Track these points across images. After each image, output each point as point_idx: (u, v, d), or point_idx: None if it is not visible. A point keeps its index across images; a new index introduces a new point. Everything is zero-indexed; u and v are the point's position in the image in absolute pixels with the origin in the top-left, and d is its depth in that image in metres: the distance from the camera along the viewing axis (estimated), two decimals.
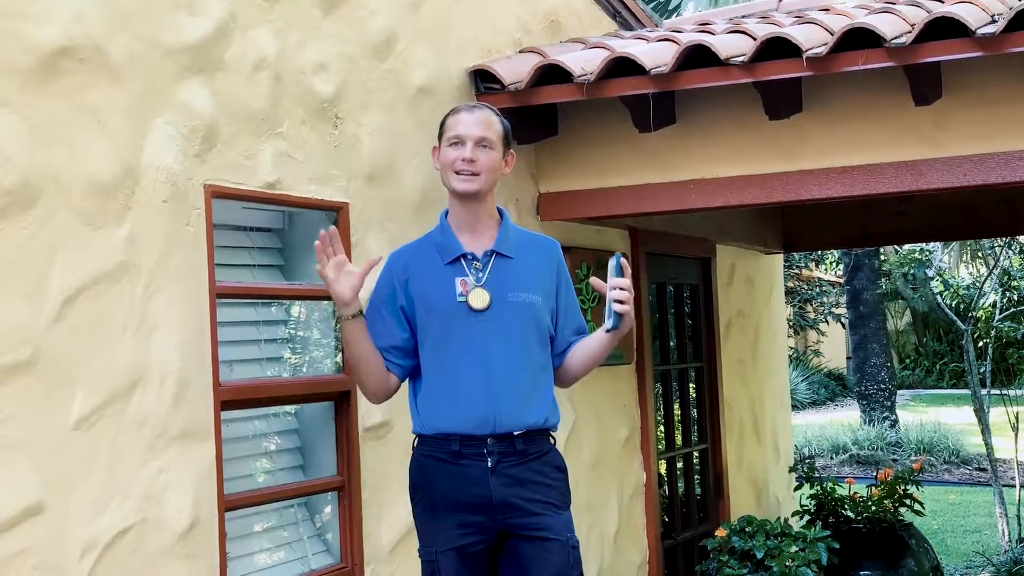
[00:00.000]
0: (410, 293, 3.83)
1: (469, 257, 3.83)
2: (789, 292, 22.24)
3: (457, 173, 3.81)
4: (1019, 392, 11.46)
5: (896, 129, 5.28)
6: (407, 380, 3.92)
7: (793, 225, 9.10)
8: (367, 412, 4.75)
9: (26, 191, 3.45)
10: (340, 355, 4.71)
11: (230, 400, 4.18)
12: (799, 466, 8.07)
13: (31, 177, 3.47)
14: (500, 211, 3.94)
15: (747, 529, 6.33)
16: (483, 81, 5.53)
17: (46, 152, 3.53)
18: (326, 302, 4.75)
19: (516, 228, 3.98)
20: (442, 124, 3.91)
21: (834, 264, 24.39)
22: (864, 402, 18.74)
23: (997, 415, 11.06)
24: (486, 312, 3.76)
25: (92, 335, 3.64)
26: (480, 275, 3.80)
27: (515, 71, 5.46)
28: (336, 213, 4.69)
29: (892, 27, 4.85)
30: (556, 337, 3.93)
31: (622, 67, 5.24)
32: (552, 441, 3.89)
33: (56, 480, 3.50)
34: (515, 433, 3.74)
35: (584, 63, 5.32)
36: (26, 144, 3.47)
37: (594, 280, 3.78)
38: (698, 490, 7.90)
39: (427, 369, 3.82)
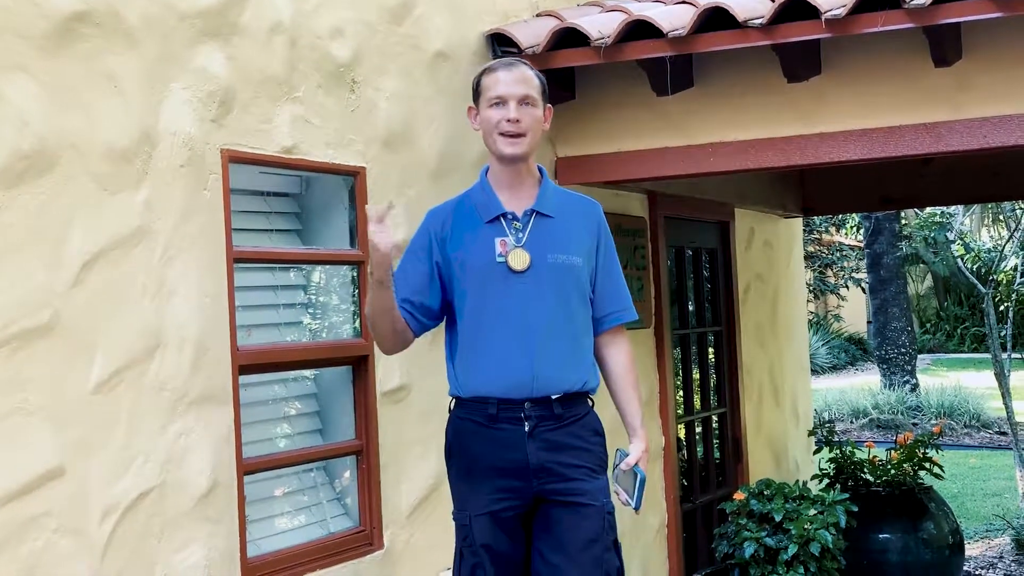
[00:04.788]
0: (447, 252, 3.78)
1: (509, 216, 3.76)
2: (809, 257, 22.20)
3: (503, 135, 3.73)
4: None
5: (916, 91, 5.25)
6: (445, 342, 3.87)
7: (812, 189, 9.06)
8: (385, 376, 4.76)
9: (44, 156, 3.47)
10: (358, 319, 4.72)
11: (248, 365, 4.20)
12: (818, 430, 8.07)
13: (48, 142, 3.48)
14: (540, 169, 3.87)
15: (765, 492, 6.34)
16: (500, 45, 5.51)
17: (63, 117, 3.54)
18: (343, 266, 4.76)
19: (556, 187, 3.90)
20: (477, 84, 3.83)
21: (855, 229, 24.31)
22: (884, 366, 18.69)
23: (1018, 379, 11.04)
24: (525, 273, 3.70)
25: (110, 300, 3.66)
26: (520, 235, 3.74)
27: (532, 35, 5.44)
28: (353, 178, 4.69)
29: None
30: (595, 300, 3.85)
31: (639, 30, 5.22)
32: (591, 404, 3.84)
33: (76, 444, 3.53)
34: (553, 397, 3.70)
35: (601, 26, 5.30)
36: (43, 109, 3.48)
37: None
38: (717, 454, 7.91)
39: (464, 331, 3.76)
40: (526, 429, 3.69)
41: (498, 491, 3.71)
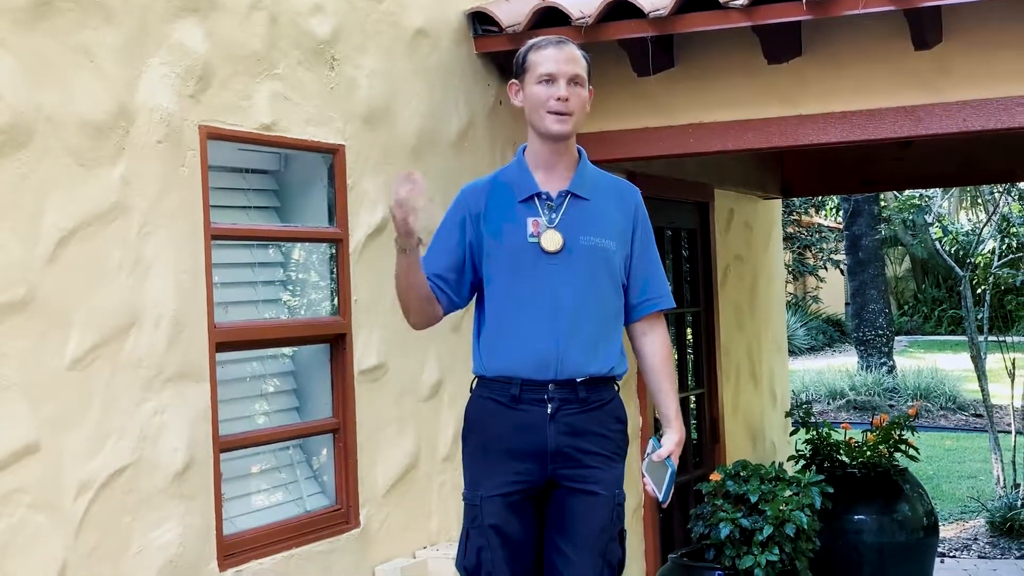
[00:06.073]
0: (481, 228, 3.71)
1: (544, 196, 3.69)
2: (789, 238, 22.22)
3: (551, 113, 3.65)
4: (1016, 339, 11.46)
5: (896, 74, 5.26)
6: (473, 320, 3.80)
7: (792, 170, 9.07)
8: (363, 355, 4.76)
9: (19, 130, 3.44)
10: (336, 297, 4.71)
11: (225, 342, 4.19)
12: (795, 411, 8.09)
13: (24, 116, 3.46)
14: (579, 150, 3.81)
15: (742, 473, 6.34)
16: (481, 23, 5.50)
17: (39, 91, 3.51)
18: (322, 244, 4.75)
19: (594, 169, 3.83)
20: (524, 60, 3.72)
21: (834, 210, 24.36)
22: (862, 348, 18.77)
23: (994, 361, 11.08)
24: (557, 255, 3.64)
25: (87, 275, 3.64)
26: (553, 216, 3.67)
27: (513, 13, 5.42)
28: (332, 155, 4.68)
29: None
30: (628, 286, 3.78)
31: (621, 10, 5.21)
32: (616, 389, 3.78)
33: (51, 419, 3.52)
34: (578, 380, 3.64)
35: (583, 5, 5.29)
36: (19, 83, 3.45)
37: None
38: (694, 435, 7.92)
39: (492, 309, 3.70)
40: (548, 411, 3.63)
41: (513, 473, 3.65)
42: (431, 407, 5.14)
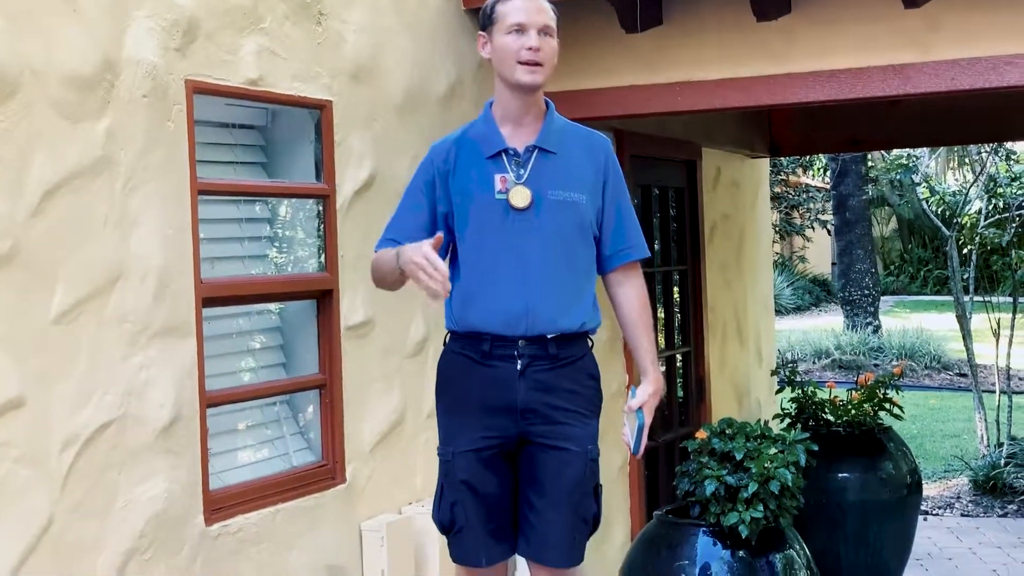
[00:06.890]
0: (450, 185, 3.70)
1: (511, 152, 3.67)
2: (776, 198, 22.22)
3: (522, 64, 3.62)
4: (1001, 299, 11.47)
5: (885, 32, 5.23)
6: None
7: (780, 129, 9.06)
8: (349, 311, 4.75)
9: (4, 83, 3.42)
10: (323, 253, 4.70)
11: (212, 297, 4.18)
12: (781, 370, 8.11)
13: (8, 69, 3.43)
14: (547, 102, 3.77)
15: (727, 431, 6.34)
16: None
17: (23, 44, 3.48)
18: (309, 200, 4.73)
19: (563, 121, 3.79)
20: (491, 11, 3.68)
21: (821, 170, 24.34)
22: (848, 308, 18.82)
23: (979, 321, 11.11)
24: (526, 211, 3.62)
25: (72, 230, 3.63)
26: (521, 172, 3.65)
27: None
28: (320, 111, 4.65)
29: None
30: (601, 237, 3.76)
31: None
32: (590, 344, 3.78)
33: (37, 374, 3.51)
34: (548, 336, 3.64)
35: None
36: (3, 35, 3.42)
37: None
38: (680, 393, 7.94)
39: (463, 265, 3.69)
40: (518, 367, 3.64)
41: (483, 429, 3.66)
42: (417, 364, 5.14)
